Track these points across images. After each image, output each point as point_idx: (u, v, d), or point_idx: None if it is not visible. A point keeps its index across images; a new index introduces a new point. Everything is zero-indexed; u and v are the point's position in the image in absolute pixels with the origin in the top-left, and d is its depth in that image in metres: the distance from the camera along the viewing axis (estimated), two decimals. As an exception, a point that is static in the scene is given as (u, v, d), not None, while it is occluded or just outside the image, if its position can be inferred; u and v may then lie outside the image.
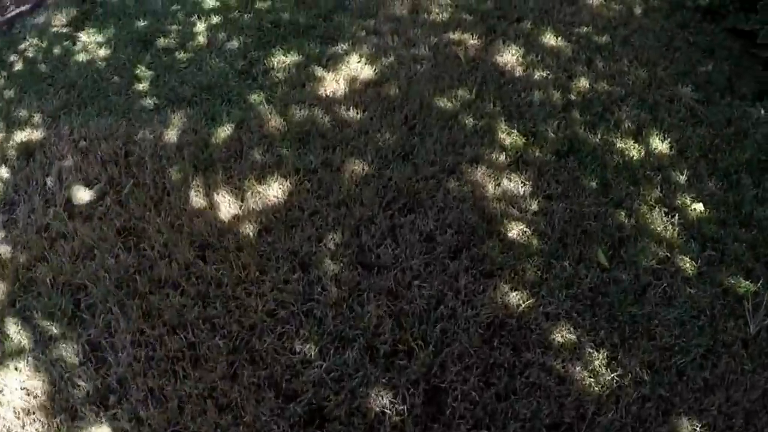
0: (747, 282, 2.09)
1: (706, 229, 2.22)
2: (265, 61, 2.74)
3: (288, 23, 2.99)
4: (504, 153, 2.31)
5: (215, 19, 3.08)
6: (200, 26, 3.04)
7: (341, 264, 1.96)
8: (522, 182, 2.22)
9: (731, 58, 3.11)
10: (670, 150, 2.50)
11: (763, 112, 2.84)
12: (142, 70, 2.82)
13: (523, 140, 2.39)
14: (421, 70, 2.65)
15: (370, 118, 2.39)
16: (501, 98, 2.57)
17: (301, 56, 2.75)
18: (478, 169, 2.23)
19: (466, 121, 2.43)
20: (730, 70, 3.03)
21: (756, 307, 2.05)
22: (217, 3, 3.21)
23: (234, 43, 2.89)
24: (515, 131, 2.42)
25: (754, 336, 1.99)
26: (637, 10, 3.36)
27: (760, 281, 2.10)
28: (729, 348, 1.92)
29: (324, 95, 2.52)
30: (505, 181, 2.21)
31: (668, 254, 2.12)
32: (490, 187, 2.18)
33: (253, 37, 2.91)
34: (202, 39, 2.95)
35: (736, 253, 2.16)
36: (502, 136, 2.39)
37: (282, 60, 2.74)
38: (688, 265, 2.11)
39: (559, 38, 2.99)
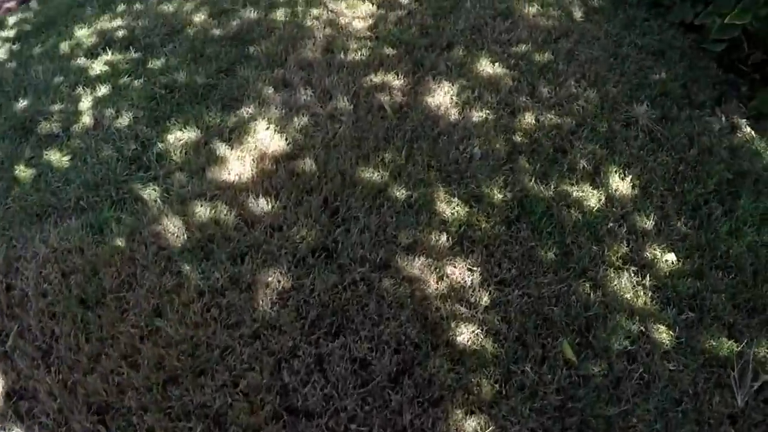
0: (730, 342, 1.84)
1: (681, 286, 1.95)
2: (159, 142, 2.34)
3: (184, 85, 2.57)
4: (445, 232, 1.98)
5: (103, 90, 2.64)
6: (86, 101, 2.61)
7: (262, 415, 1.63)
8: (469, 268, 1.90)
9: (684, 59, 2.81)
10: (633, 189, 2.20)
11: (724, 119, 2.57)
12: (21, 170, 2.40)
13: (467, 209, 2.05)
14: (341, 131, 2.28)
15: (284, 207, 2.03)
16: (436, 156, 2.22)
17: (199, 130, 2.34)
18: (416, 259, 1.89)
19: (398, 194, 2.08)
20: (685, 74, 2.72)
21: (742, 371, 1.81)
22: (105, 67, 2.78)
23: (124, 120, 2.47)
24: (456, 198, 2.08)
25: (741, 409, 1.75)
26: (578, 14, 3.01)
27: (745, 339, 1.86)
28: (716, 430, 1.68)
29: (228, 182, 2.15)
30: (449, 270, 1.89)
31: (642, 328, 1.84)
32: (432, 282, 1.86)
33: (145, 110, 2.50)
34: (88, 119, 2.52)
35: (716, 307, 1.90)
36: (442, 207, 2.06)
37: (178, 137, 2.33)
38: (664, 335, 1.84)
39: (497, 64, 2.63)
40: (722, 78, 2.80)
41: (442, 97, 2.45)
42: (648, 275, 1.96)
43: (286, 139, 2.25)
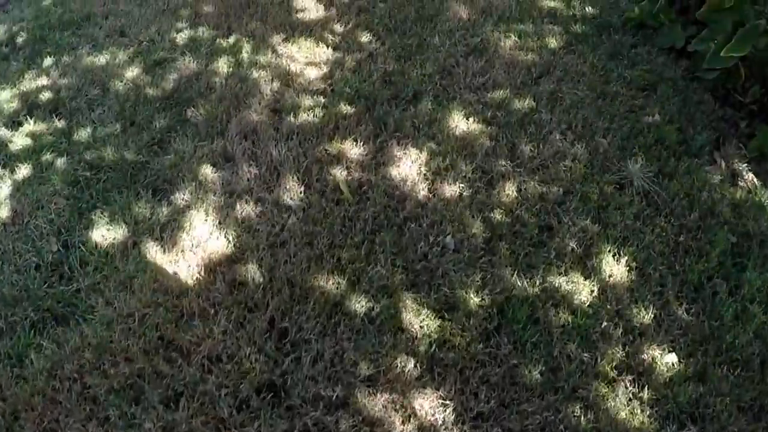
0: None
1: (682, 395, 1.68)
2: (83, 243, 2.02)
3: (111, 164, 2.22)
4: (412, 355, 1.68)
5: (23, 171, 2.28)
6: (4, 188, 2.24)
7: None
8: (441, 402, 1.61)
9: (677, 93, 2.51)
10: (629, 272, 1.92)
11: (723, 165, 2.29)
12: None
13: (438, 321, 1.76)
14: (290, 224, 1.96)
15: (223, 332, 1.74)
16: (402, 251, 1.91)
17: (127, 226, 2.01)
18: (379, 395, 1.62)
19: (357, 307, 1.78)
20: (680, 112, 2.43)
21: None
22: (27, 140, 2.40)
23: (45, 212, 2.11)
24: (425, 308, 1.79)
25: None
26: (559, 44, 2.67)
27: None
28: None
29: (160, 298, 1.83)
30: (417, 405, 1.60)
31: (640, 456, 1.60)
32: (397, 422, 1.57)
33: (68, 198, 2.15)
34: (5, 212, 2.16)
35: (719, 415, 1.66)
36: (409, 319, 1.76)
37: (104, 236, 2.01)
38: (663, 462, 1.60)
39: (471, 118, 2.30)
40: (719, 114, 2.51)
41: (409, 167, 2.13)
42: (646, 385, 1.70)
43: (227, 236, 1.94)
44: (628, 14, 2.92)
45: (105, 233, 2.03)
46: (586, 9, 2.98)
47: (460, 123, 2.29)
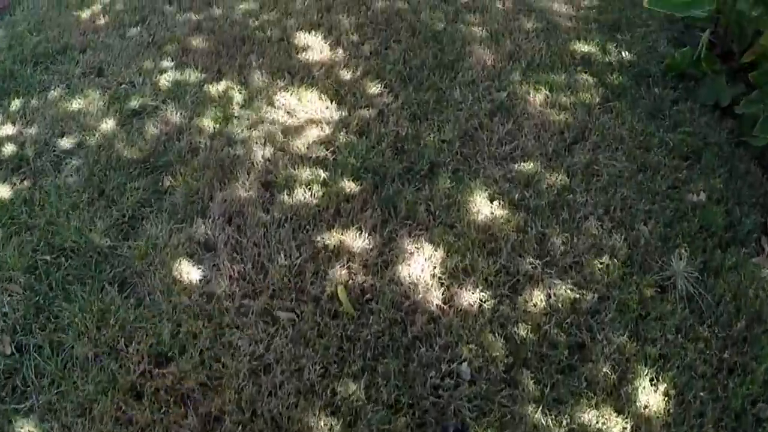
0: None
1: None
2: (39, 348, 1.72)
3: (75, 246, 1.92)
4: None
5: (-20, 245, 2.02)
6: (-42, 268, 1.99)
7: None
8: None
9: (722, 161, 2.21)
10: (666, 401, 1.61)
11: None
12: None
13: (447, 481, 1.50)
14: (276, 344, 1.64)
15: (193, 487, 1.48)
16: (408, 383, 1.58)
17: (87, 333, 1.69)
18: None
19: (353, 458, 1.52)
20: (726, 188, 2.13)
21: None
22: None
23: (3, 302, 1.86)
24: (434, 460, 1.52)
25: None
26: (594, 98, 2.33)
27: None
28: None
29: (122, 427, 1.51)
30: None
31: None
32: None
33: (25, 288, 1.83)
34: (-43, 299, 1.92)
35: None
36: (414, 473, 1.50)
37: (61, 343, 1.71)
38: None
39: (495, 201, 1.98)
40: (766, 188, 2.18)
41: (421, 267, 1.81)
42: None
43: (201, 356, 1.63)
44: (668, 62, 2.56)
45: (63, 338, 1.74)
46: (623, 54, 2.62)
47: (482, 207, 1.96)
